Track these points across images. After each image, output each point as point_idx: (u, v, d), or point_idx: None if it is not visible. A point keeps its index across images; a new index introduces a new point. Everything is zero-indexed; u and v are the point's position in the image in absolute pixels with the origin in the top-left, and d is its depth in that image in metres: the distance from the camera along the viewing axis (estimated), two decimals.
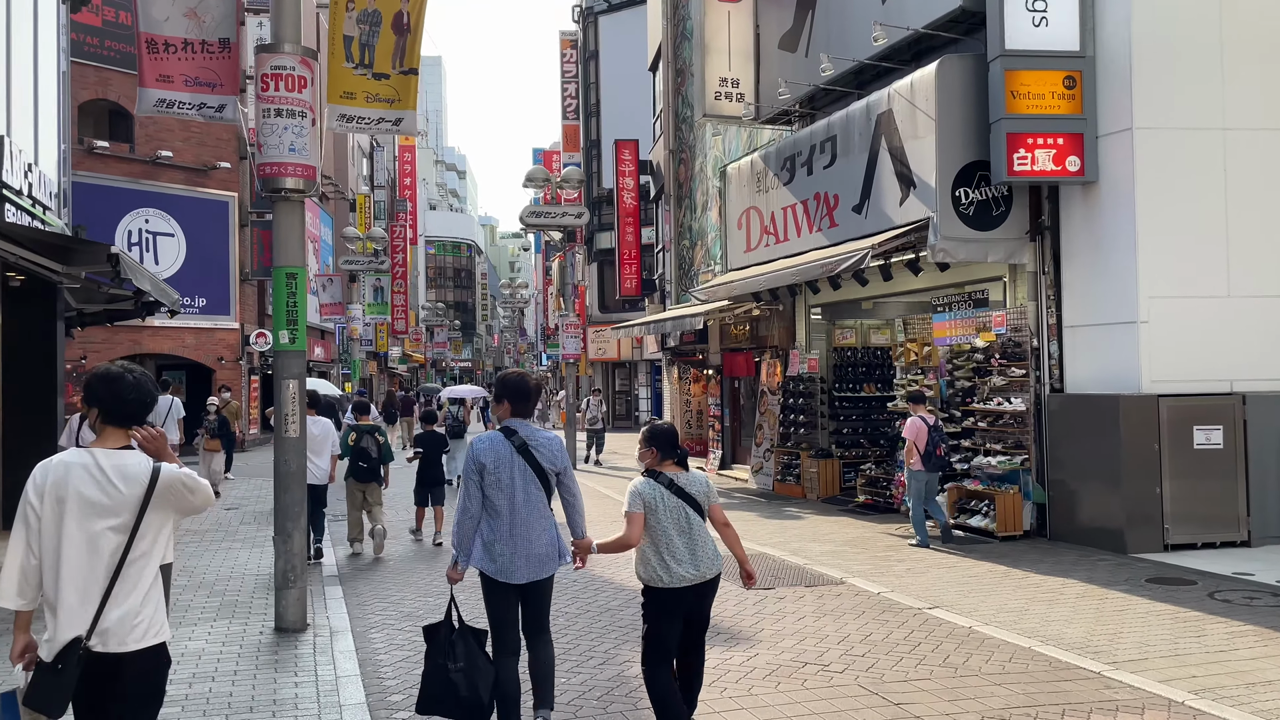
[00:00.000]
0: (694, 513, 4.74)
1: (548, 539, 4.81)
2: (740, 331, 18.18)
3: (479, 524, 4.77)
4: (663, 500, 4.69)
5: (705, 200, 19.86)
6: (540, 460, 4.78)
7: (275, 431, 7.51)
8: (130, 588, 3.17)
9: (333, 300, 29.40)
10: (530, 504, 4.73)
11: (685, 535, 4.68)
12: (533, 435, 4.82)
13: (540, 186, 21.11)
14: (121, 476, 3.18)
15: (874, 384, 15.77)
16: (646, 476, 4.80)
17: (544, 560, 4.78)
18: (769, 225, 14.66)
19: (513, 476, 4.71)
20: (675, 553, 4.64)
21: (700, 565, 4.68)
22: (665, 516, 4.67)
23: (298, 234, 7.63)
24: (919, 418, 10.73)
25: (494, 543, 4.72)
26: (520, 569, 4.71)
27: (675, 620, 4.71)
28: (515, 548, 4.70)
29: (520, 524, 4.71)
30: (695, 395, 21.57)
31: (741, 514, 13.61)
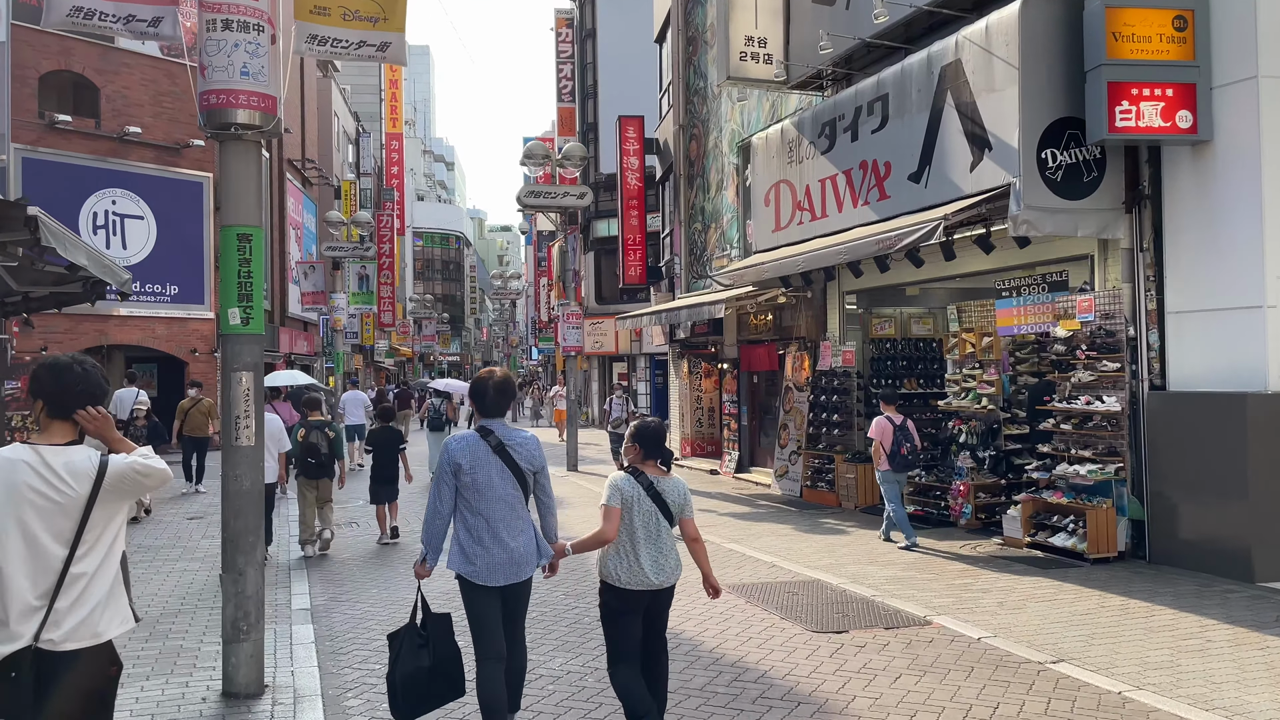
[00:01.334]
0: (665, 521, 4.68)
1: (525, 540, 4.72)
2: (761, 322, 16.54)
3: (449, 524, 4.72)
4: (639, 501, 4.63)
5: (720, 179, 18.21)
6: (518, 460, 4.71)
7: (223, 439, 5.83)
8: (80, 585, 3.10)
9: (315, 289, 27.65)
10: (508, 505, 4.67)
11: (652, 542, 4.62)
12: (509, 435, 4.76)
13: (540, 164, 19.45)
14: (71, 473, 3.10)
15: (915, 379, 14.16)
16: (628, 473, 4.70)
17: (523, 562, 4.70)
18: (803, 200, 13.01)
19: (490, 477, 4.64)
20: (639, 556, 4.59)
21: (661, 574, 4.65)
22: (638, 518, 4.61)
23: (252, 184, 5.96)
24: (885, 417, 10.53)
25: (472, 545, 4.64)
26: (499, 571, 4.63)
27: (634, 618, 4.66)
28: (493, 550, 4.63)
29: (498, 526, 4.64)
30: (706, 391, 19.93)
31: (774, 526, 11.98)
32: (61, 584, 3.07)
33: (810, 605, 7.81)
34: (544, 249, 52.31)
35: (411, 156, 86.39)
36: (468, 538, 4.66)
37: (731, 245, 17.66)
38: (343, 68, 58.71)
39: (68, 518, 3.09)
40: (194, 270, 25.55)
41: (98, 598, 3.15)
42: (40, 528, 3.07)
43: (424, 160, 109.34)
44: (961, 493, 11.22)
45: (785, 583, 8.70)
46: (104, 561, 3.18)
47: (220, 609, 5.81)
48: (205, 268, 25.72)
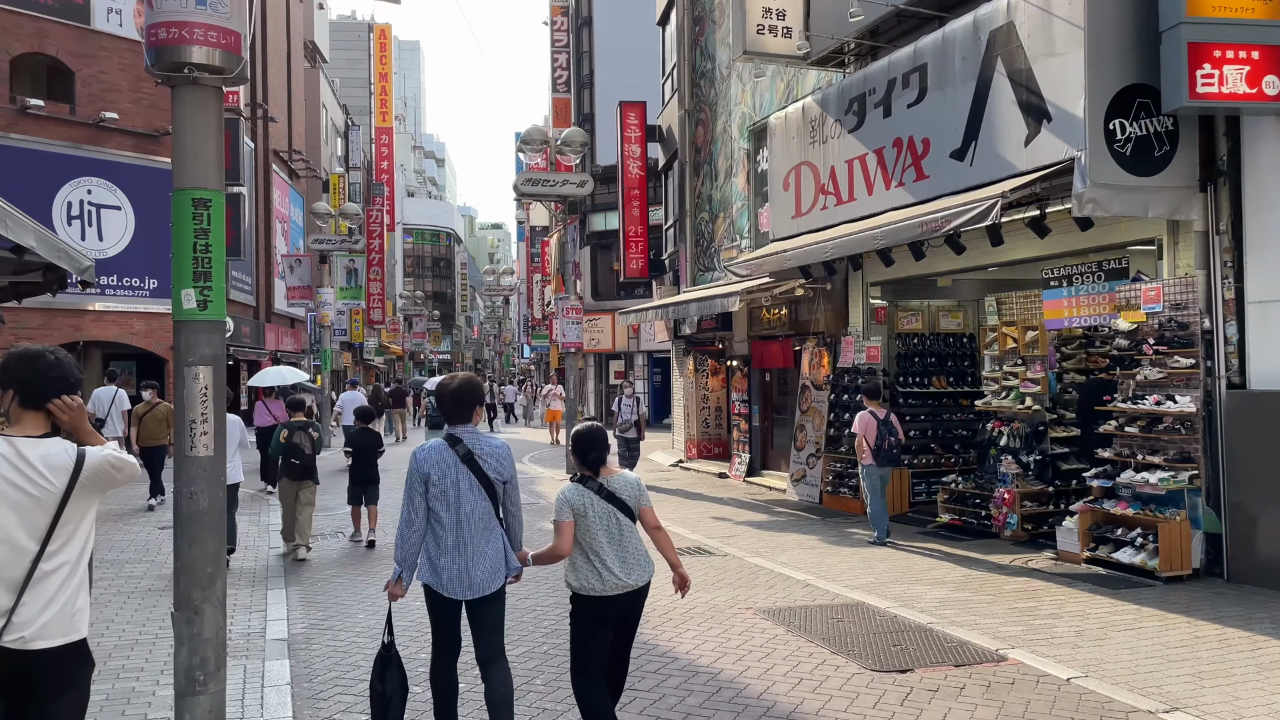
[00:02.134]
0: (624, 517, 4.60)
1: (493, 551, 4.58)
2: (774, 316, 15.56)
3: (424, 537, 4.59)
4: (592, 506, 4.55)
5: (730, 165, 17.22)
6: (486, 470, 4.58)
7: (176, 448, 4.81)
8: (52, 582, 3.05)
9: (301, 283, 26.57)
10: (476, 516, 4.54)
11: (616, 542, 4.55)
12: (478, 444, 4.62)
13: (538, 150, 18.44)
14: (48, 466, 3.07)
15: (945, 377, 13.21)
16: (575, 482, 4.64)
17: (489, 575, 4.56)
18: (827, 184, 12.03)
19: (458, 487, 4.51)
20: (606, 560, 4.51)
21: (632, 573, 4.56)
22: (595, 523, 4.54)
23: (211, 139, 4.94)
24: (869, 412, 10.47)
25: (438, 556, 4.53)
26: (464, 584, 4.51)
27: (606, 629, 4.59)
28: (459, 562, 4.51)
29: (465, 537, 4.52)
30: (713, 390, 18.94)
31: (799, 537, 10.99)
32: (29, 580, 3.01)
33: (861, 635, 6.83)
34: (537, 244, 51.27)
35: (401, 152, 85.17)
36: (435, 548, 4.53)
37: (742, 235, 16.67)
38: (332, 60, 57.54)
39: (43, 512, 3.05)
40: None
41: (69, 595, 3.10)
42: (14, 522, 3.01)
43: (414, 156, 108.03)
44: (1006, 501, 10.25)
45: (826, 606, 7.72)
46: (78, 557, 3.14)
47: None
48: None
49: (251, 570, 9.63)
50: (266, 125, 32.20)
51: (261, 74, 31.94)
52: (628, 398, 15.30)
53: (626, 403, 15.20)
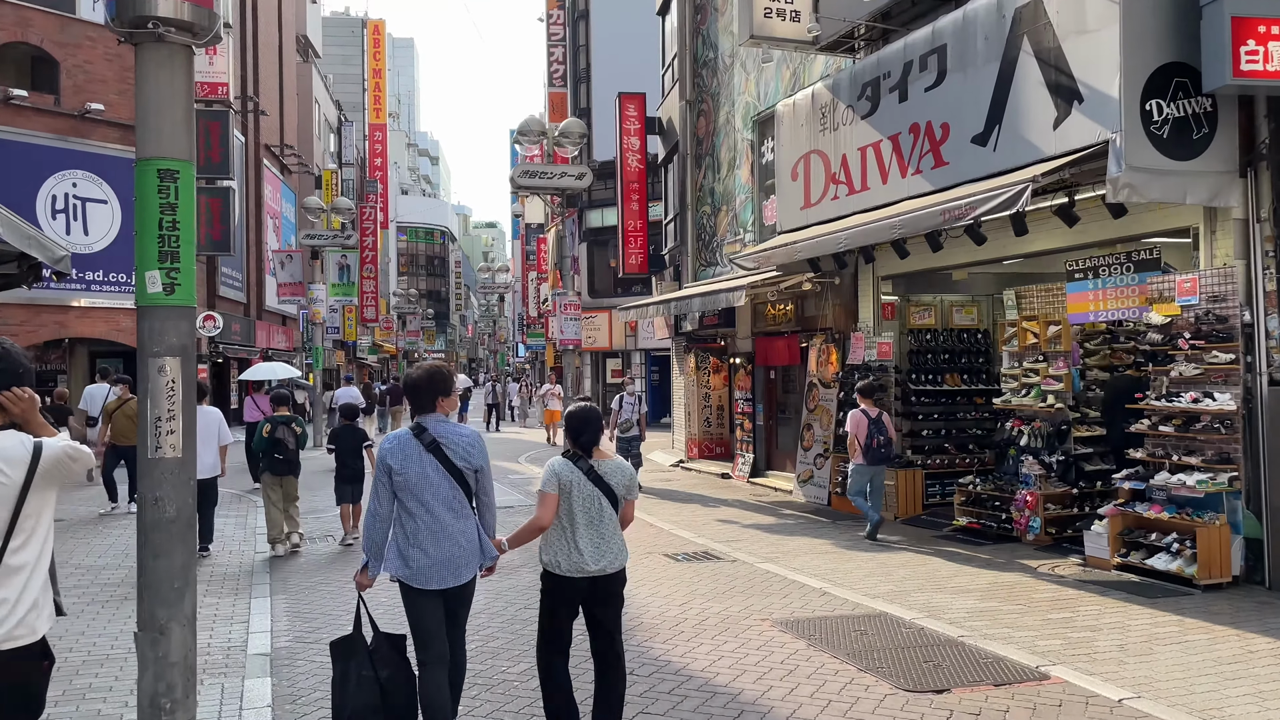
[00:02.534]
0: (608, 505, 4.55)
1: (466, 541, 4.49)
2: (780, 312, 15.08)
3: (390, 527, 4.52)
4: (578, 485, 4.51)
5: (733, 157, 16.74)
6: (453, 459, 4.47)
7: (140, 449, 4.32)
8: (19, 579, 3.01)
9: (292, 279, 26.03)
10: (445, 505, 4.45)
11: (594, 527, 4.51)
12: (445, 432, 4.51)
13: (535, 141, 17.94)
14: (5, 459, 3.02)
15: (958, 374, 12.74)
16: (566, 458, 4.59)
17: (462, 564, 4.48)
18: (838, 172, 11.55)
19: (424, 476, 4.42)
20: (580, 543, 4.47)
21: (604, 559, 4.51)
22: (578, 503, 4.50)
23: (180, 102, 4.47)
24: (860, 411, 10.54)
25: (409, 548, 4.44)
26: (438, 574, 4.42)
27: (572, 610, 4.57)
28: (431, 552, 4.42)
29: (436, 526, 4.43)
30: (715, 388, 18.45)
31: (810, 541, 10.51)
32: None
33: (888, 650, 6.34)
34: (533, 242, 50.76)
35: (395, 149, 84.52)
36: (404, 540, 4.46)
37: (745, 228, 16.19)
38: (325, 56, 56.96)
39: (3, 507, 3.01)
40: None
41: (35, 592, 3.07)
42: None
43: (408, 153, 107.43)
44: (1029, 504, 9.78)
45: (847, 617, 7.23)
46: (41, 552, 3.11)
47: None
48: None
49: (235, 576, 9.12)
50: (257, 118, 31.66)
51: (252, 66, 31.40)
52: (629, 396, 14.72)
53: (628, 401, 14.62)
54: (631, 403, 14.57)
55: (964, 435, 12.53)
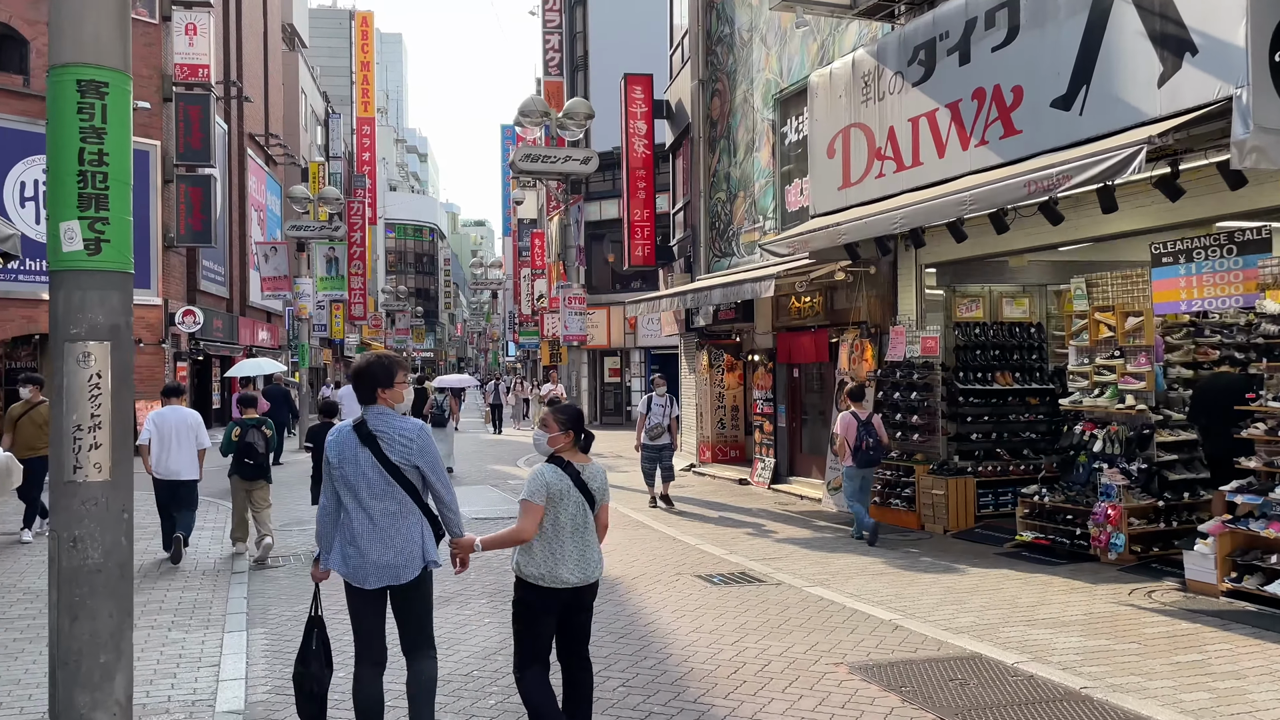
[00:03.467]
0: (588, 511, 4.37)
1: (404, 541, 4.29)
2: (806, 305, 13.93)
3: (336, 521, 4.39)
4: (569, 494, 4.30)
5: (751, 139, 15.57)
6: (389, 454, 4.25)
7: (53, 469, 3.12)
8: None
9: (277, 273, 24.75)
10: (381, 501, 4.27)
11: (579, 536, 4.32)
12: (383, 426, 4.30)
13: (537, 123, 16.75)
14: None
15: (1009, 372, 11.61)
16: (554, 463, 4.35)
17: (400, 565, 4.28)
18: (884, 147, 10.40)
19: (360, 472, 4.26)
20: (565, 553, 4.27)
21: (586, 569, 4.33)
22: (565, 513, 4.28)
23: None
24: (850, 413, 10.52)
25: (345, 544, 4.32)
26: (371, 573, 4.26)
27: (551, 619, 4.35)
28: (367, 550, 4.25)
29: (370, 525, 4.26)
30: (730, 387, 17.29)
31: (858, 560, 9.35)
32: None
33: (1005, 708, 5.19)
34: (526, 237, 49.55)
35: (383, 145, 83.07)
36: (342, 537, 4.36)
37: (765, 215, 15.03)
38: (312, 48, 55.57)
39: None
40: (137, 250, 22.42)
41: None
42: None
43: (396, 150, 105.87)
44: (1110, 518, 8.64)
45: (935, 660, 6.07)
46: None
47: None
48: (152, 247, 22.77)
49: (206, 604, 7.91)
50: (241, 105, 30.34)
51: (235, 52, 30.09)
52: (658, 398, 13.00)
53: (658, 403, 12.91)
54: (662, 404, 12.96)
55: (1017, 440, 11.39)
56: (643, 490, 13.68)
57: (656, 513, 12.72)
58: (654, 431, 12.81)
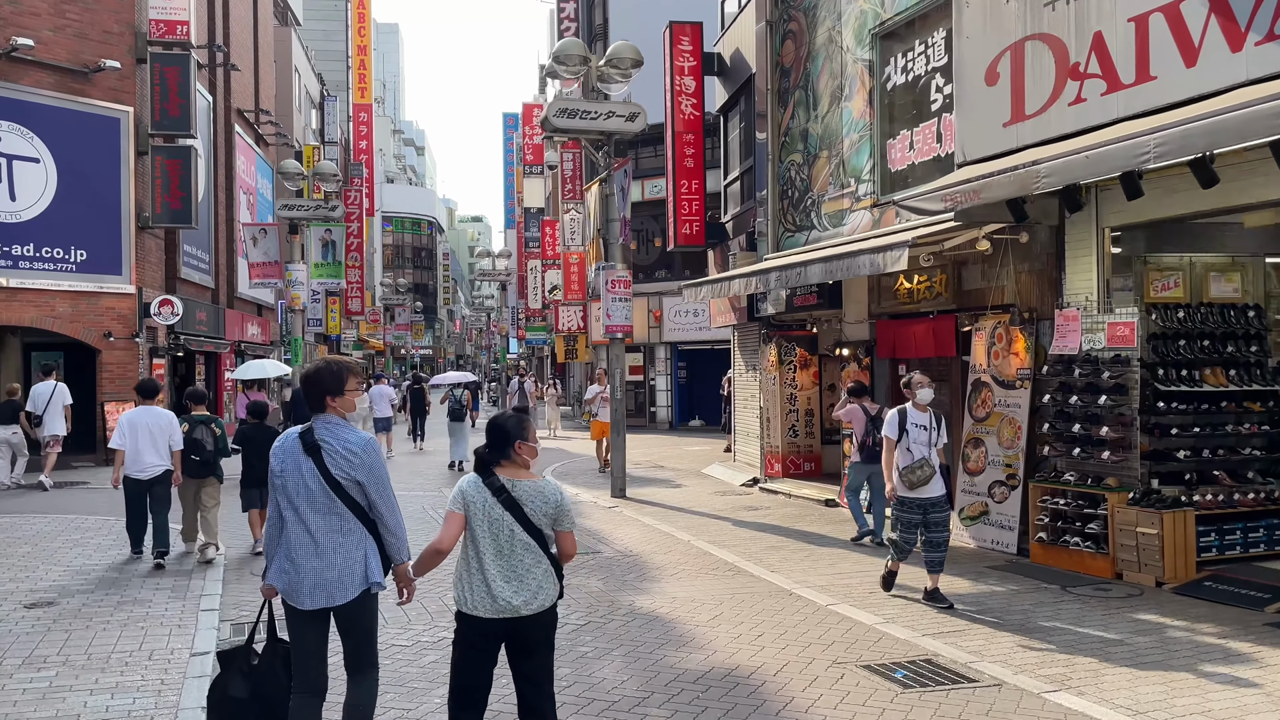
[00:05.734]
0: (523, 532, 3.89)
1: (343, 560, 4.00)
2: (920, 285, 11.21)
3: (281, 532, 4.14)
4: (484, 507, 3.90)
5: (839, 85, 12.82)
6: (330, 467, 3.99)
7: None
8: None
9: (267, 258, 21.99)
10: (322, 516, 4.00)
11: (503, 558, 3.87)
12: (328, 436, 4.04)
13: (575, 72, 13.99)
14: None
15: (1221, 368, 8.86)
16: (476, 473, 4.00)
17: (335, 584, 3.98)
18: (1082, 62, 7.68)
19: (301, 483, 4.01)
20: (486, 575, 3.86)
21: (518, 596, 3.86)
22: (481, 527, 3.90)
23: None
24: (859, 406, 10.26)
25: (284, 559, 4.06)
26: (305, 592, 3.99)
27: (483, 656, 3.92)
28: (301, 566, 3.99)
29: (307, 540, 4.00)
30: (803, 387, 14.54)
31: (1069, 630, 6.60)
32: None
33: None
34: (533, 227, 46.72)
35: (381, 136, 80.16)
36: (282, 551, 4.08)
37: (858, 177, 12.29)
38: (306, 31, 52.75)
39: None
40: (108, 231, 19.77)
41: None
42: None
43: (394, 141, 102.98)
44: None
45: None
46: None
47: None
48: (124, 227, 19.96)
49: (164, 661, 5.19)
50: (228, 76, 27.46)
51: (221, 16, 27.22)
52: (918, 413, 7.65)
53: (918, 421, 7.70)
54: (924, 426, 7.54)
55: (1235, 457, 8.66)
56: (709, 513, 10.97)
57: (743, 546, 9.97)
58: (918, 473, 7.35)
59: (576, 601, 7.72)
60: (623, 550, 9.96)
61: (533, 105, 48.70)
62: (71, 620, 7.26)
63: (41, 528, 11.38)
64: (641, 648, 6.42)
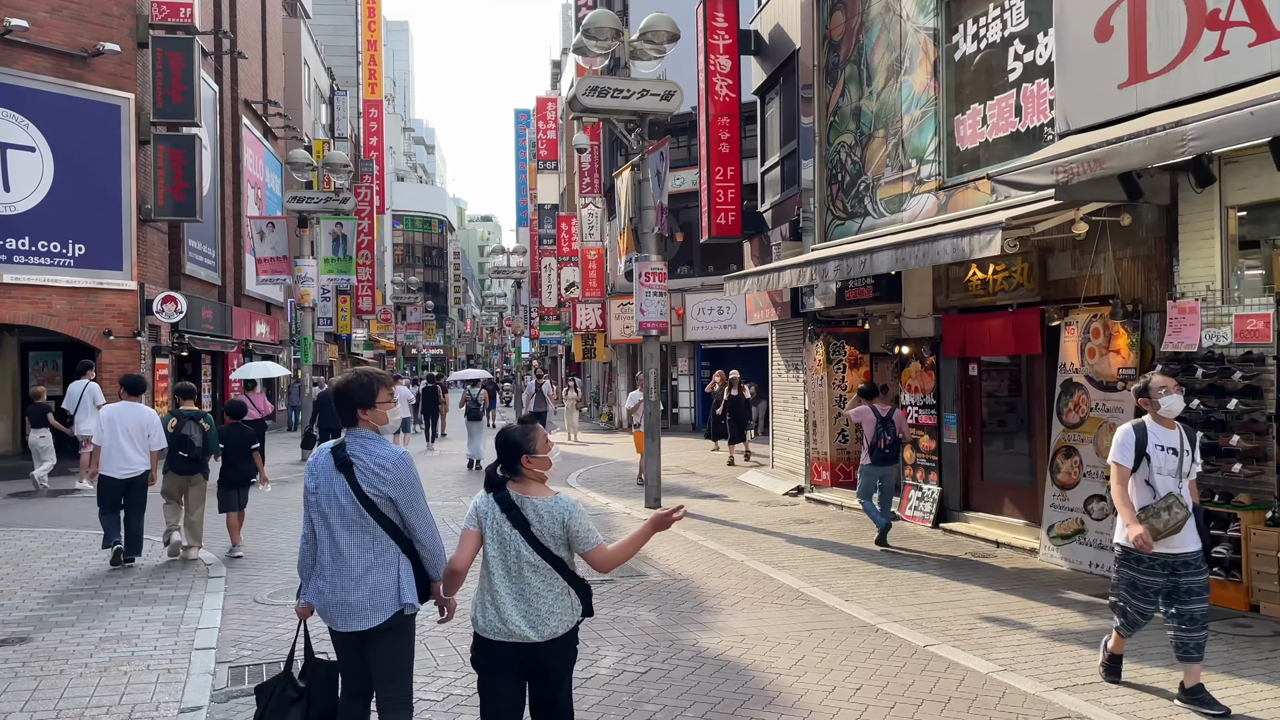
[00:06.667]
0: (531, 553, 3.60)
1: (373, 582, 3.78)
2: (996, 275, 10.08)
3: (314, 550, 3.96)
4: (494, 525, 3.66)
5: (898, 58, 11.70)
6: (361, 484, 3.79)
7: None
8: None
9: (275, 253, 20.97)
10: (353, 534, 3.80)
11: (512, 579, 3.61)
12: (360, 450, 3.84)
13: (605, 47, 12.92)
14: None
15: None
16: (487, 488, 3.75)
17: (366, 606, 3.77)
18: (1223, 9, 6.54)
19: (333, 500, 3.82)
20: (496, 596, 3.61)
21: (526, 622, 3.57)
22: (492, 547, 3.66)
23: None
24: (870, 407, 10.11)
25: (316, 577, 3.91)
26: (337, 613, 3.81)
27: (502, 680, 3.63)
28: (336, 585, 3.81)
29: (337, 559, 3.82)
30: (853, 389, 13.40)
31: (1240, 683, 5.48)
32: None
33: None
34: (546, 224, 45.70)
35: (391, 133, 79.15)
36: (317, 569, 3.91)
37: (920, 158, 11.18)
38: (315, 25, 51.78)
39: None
40: (107, 223, 18.78)
41: None
42: None
43: (404, 139, 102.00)
44: None
45: None
46: None
47: None
48: (124, 220, 18.97)
49: None
50: (235, 65, 26.50)
51: (229, 2, 26.23)
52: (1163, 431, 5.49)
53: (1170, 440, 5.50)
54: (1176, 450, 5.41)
55: None
56: (756, 527, 9.88)
57: (804, 568, 8.87)
58: (1165, 517, 5.19)
59: (631, 640, 6.64)
60: (671, 573, 8.87)
61: (546, 99, 47.64)
62: (44, 663, 6.23)
63: (26, 544, 10.38)
64: (720, 707, 5.33)
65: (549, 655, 3.62)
